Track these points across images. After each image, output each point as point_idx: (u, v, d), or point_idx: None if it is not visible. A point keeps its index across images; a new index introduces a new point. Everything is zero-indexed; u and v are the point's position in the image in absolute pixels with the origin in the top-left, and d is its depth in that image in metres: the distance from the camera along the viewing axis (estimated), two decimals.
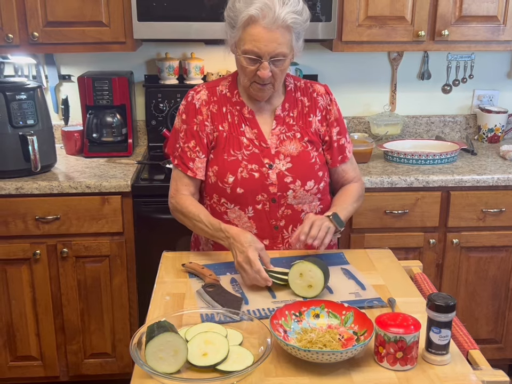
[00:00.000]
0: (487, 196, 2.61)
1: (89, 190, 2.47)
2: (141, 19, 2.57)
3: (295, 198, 1.86)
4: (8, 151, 2.49)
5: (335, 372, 1.27)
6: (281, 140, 1.86)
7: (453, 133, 3.25)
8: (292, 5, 1.69)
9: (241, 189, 1.83)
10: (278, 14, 1.66)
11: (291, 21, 1.69)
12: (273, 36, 1.68)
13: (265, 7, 1.66)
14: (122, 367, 2.72)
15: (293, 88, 1.92)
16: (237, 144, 1.85)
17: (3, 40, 2.59)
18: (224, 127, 1.86)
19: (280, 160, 1.85)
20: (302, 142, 1.87)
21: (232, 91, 1.89)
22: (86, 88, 2.78)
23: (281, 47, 1.70)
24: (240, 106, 1.87)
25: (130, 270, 2.61)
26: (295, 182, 1.84)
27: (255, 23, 1.68)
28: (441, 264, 2.69)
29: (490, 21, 2.73)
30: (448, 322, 1.29)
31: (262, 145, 1.85)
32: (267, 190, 1.84)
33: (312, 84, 1.95)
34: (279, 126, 1.87)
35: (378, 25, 2.70)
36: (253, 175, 1.83)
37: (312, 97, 1.91)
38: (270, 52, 1.70)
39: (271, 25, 1.67)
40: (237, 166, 1.84)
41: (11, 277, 2.56)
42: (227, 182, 1.84)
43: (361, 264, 1.78)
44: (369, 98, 3.18)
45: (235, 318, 1.41)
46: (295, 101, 1.90)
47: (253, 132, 1.86)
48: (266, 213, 1.86)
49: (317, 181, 1.88)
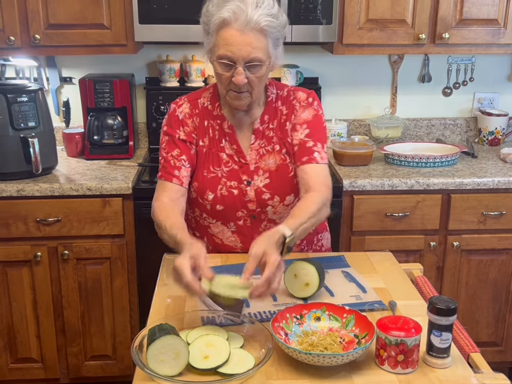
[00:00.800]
0: (487, 198, 2.61)
1: (90, 192, 2.48)
2: (142, 22, 2.57)
3: (275, 213, 1.83)
4: (9, 153, 2.50)
5: (336, 375, 1.27)
6: (261, 154, 1.81)
7: (454, 136, 3.25)
8: (266, 7, 1.62)
9: (220, 206, 1.80)
10: (251, 16, 1.59)
11: (265, 24, 1.61)
12: (246, 39, 1.61)
13: (238, 9, 1.60)
14: (123, 369, 2.72)
15: (274, 98, 1.83)
16: (217, 161, 1.81)
17: (5, 43, 2.59)
18: (204, 142, 1.81)
19: (259, 176, 1.80)
20: (281, 155, 1.81)
21: (213, 103, 1.83)
22: (87, 90, 2.78)
23: (255, 51, 1.62)
24: (220, 120, 1.81)
25: (131, 272, 2.61)
26: (273, 198, 1.80)
27: (228, 26, 1.61)
28: (442, 267, 2.69)
29: (490, 24, 2.74)
30: (449, 325, 1.29)
31: (241, 161, 1.80)
32: (246, 206, 1.81)
33: (295, 91, 1.85)
34: (258, 140, 1.81)
35: (379, 28, 2.70)
36: (232, 192, 1.80)
37: (291, 104, 1.83)
38: (244, 56, 1.62)
39: (243, 27, 1.60)
40: (216, 183, 1.80)
41: (12, 279, 2.56)
42: (207, 199, 1.81)
43: (362, 267, 1.78)
44: (369, 101, 3.18)
45: (236, 320, 1.41)
46: (275, 112, 1.82)
47: (232, 147, 1.80)
48: (249, 228, 1.84)
49: (296, 194, 1.82)
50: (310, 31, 2.63)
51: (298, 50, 3.04)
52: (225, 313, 1.45)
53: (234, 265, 1.77)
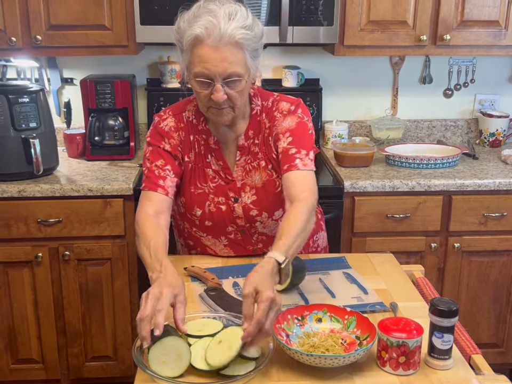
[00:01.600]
0: (488, 200, 2.61)
1: (91, 193, 2.48)
2: (143, 23, 2.57)
3: (264, 227, 1.80)
4: (10, 154, 2.50)
5: (338, 376, 1.27)
6: (247, 170, 1.76)
7: (455, 137, 3.25)
8: (239, 19, 1.55)
9: (209, 221, 1.78)
10: (224, 31, 1.52)
11: (240, 37, 1.54)
12: (221, 55, 1.54)
13: (210, 25, 1.52)
14: (124, 370, 2.72)
15: (258, 110, 1.75)
16: (203, 176, 1.77)
17: (6, 44, 2.59)
18: (190, 157, 1.76)
19: (246, 193, 1.76)
20: (267, 170, 1.76)
21: (198, 118, 1.76)
22: (89, 91, 2.78)
23: (232, 66, 1.55)
24: (206, 135, 1.76)
25: (132, 273, 2.61)
26: (261, 214, 1.77)
27: (201, 43, 1.54)
28: (443, 268, 2.69)
29: (492, 25, 2.74)
30: (450, 327, 1.29)
31: (227, 178, 1.76)
32: (235, 222, 1.78)
33: (280, 101, 1.76)
34: (243, 156, 1.76)
35: (380, 30, 2.70)
36: (220, 208, 1.76)
37: (273, 116, 1.74)
38: (221, 72, 1.55)
39: (217, 43, 1.53)
40: (204, 199, 1.76)
41: (13, 280, 2.56)
42: (195, 215, 1.78)
43: (363, 269, 1.78)
44: (370, 102, 3.18)
45: (237, 321, 1.41)
46: (259, 126, 1.75)
47: (218, 163, 1.76)
48: (240, 241, 1.82)
49: (284, 209, 1.67)
50: (311, 32, 2.63)
51: (299, 51, 3.04)
52: (226, 314, 1.45)
53: (235, 267, 1.77)
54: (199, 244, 1.86)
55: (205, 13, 1.55)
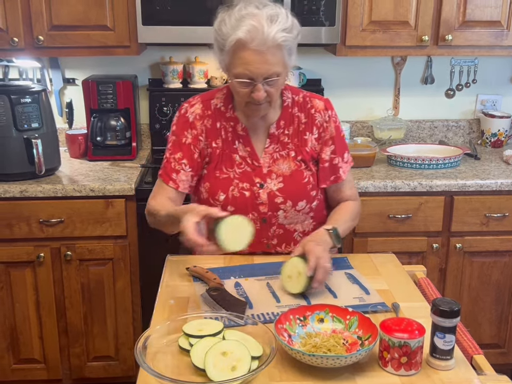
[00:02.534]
0: (490, 200, 2.61)
1: (93, 193, 2.48)
2: (145, 23, 2.58)
3: (286, 218, 1.83)
4: (12, 154, 2.50)
5: (340, 376, 1.27)
6: (275, 158, 1.83)
7: (456, 138, 3.25)
8: (280, 22, 1.62)
9: (232, 207, 1.80)
10: (267, 35, 1.59)
11: (281, 40, 1.62)
12: (264, 58, 1.61)
13: (253, 29, 1.59)
14: (126, 370, 2.72)
15: (290, 103, 1.85)
16: (229, 162, 1.82)
17: (8, 44, 2.60)
18: (217, 143, 1.82)
19: (272, 180, 1.81)
20: (296, 161, 1.83)
21: (226, 105, 1.83)
22: (91, 91, 2.79)
23: (273, 67, 1.64)
24: (234, 122, 1.82)
25: (133, 273, 2.61)
26: (286, 202, 1.81)
27: (244, 46, 1.61)
28: (445, 268, 2.69)
29: (493, 26, 2.74)
30: (452, 327, 1.29)
31: (254, 164, 1.82)
32: (257, 209, 1.82)
33: (311, 98, 1.88)
34: (272, 144, 1.83)
35: (382, 30, 2.70)
36: (243, 193, 1.81)
37: (310, 113, 1.85)
38: (262, 73, 1.64)
39: (261, 46, 1.60)
40: (228, 184, 1.81)
41: (15, 280, 2.56)
42: (218, 200, 1.81)
43: (365, 269, 1.78)
44: (372, 103, 3.18)
45: (239, 322, 1.41)
46: (291, 118, 1.84)
47: (246, 149, 1.82)
48: (258, 232, 1.82)
49: (309, 201, 1.84)
50: (313, 32, 2.63)
51: (301, 51, 2.95)
52: (228, 314, 1.45)
53: (237, 267, 1.77)
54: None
55: (247, 17, 1.62)
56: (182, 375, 1.25)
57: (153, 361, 1.29)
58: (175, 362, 1.31)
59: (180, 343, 1.35)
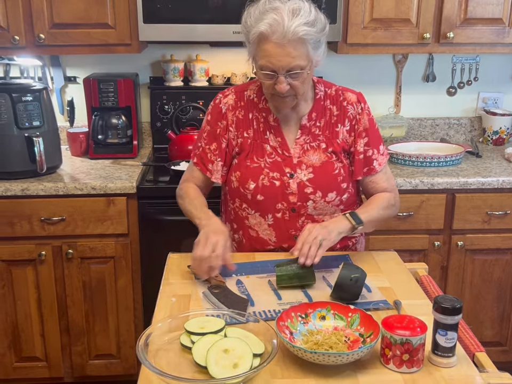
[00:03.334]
0: (492, 198, 2.60)
1: (95, 191, 2.48)
2: (146, 21, 2.58)
3: (315, 208, 1.84)
4: (14, 153, 2.50)
5: (341, 373, 1.27)
6: (305, 149, 1.84)
7: (458, 135, 3.24)
8: (302, 16, 1.65)
9: (261, 196, 1.83)
10: (288, 28, 1.62)
11: (302, 33, 1.64)
12: (285, 50, 1.65)
13: (274, 23, 1.63)
14: (127, 368, 2.73)
15: (322, 96, 1.87)
16: (260, 151, 1.85)
17: (9, 42, 2.60)
18: (249, 133, 1.86)
19: (302, 170, 1.83)
20: (327, 153, 1.84)
21: (259, 96, 1.87)
22: (92, 89, 2.79)
23: (295, 60, 1.67)
24: (266, 113, 1.86)
25: (135, 271, 2.61)
26: (316, 193, 1.82)
27: (266, 39, 1.65)
28: (446, 266, 2.69)
29: (495, 23, 2.73)
30: (454, 324, 1.29)
31: (284, 154, 1.84)
32: (287, 199, 1.83)
33: (344, 91, 1.90)
34: (303, 135, 1.85)
35: (383, 28, 2.70)
36: (273, 183, 1.83)
37: (342, 106, 1.86)
38: (284, 66, 1.67)
39: (281, 39, 1.63)
40: (259, 173, 1.83)
41: (16, 278, 2.57)
42: (248, 188, 1.84)
43: (367, 266, 1.77)
44: (374, 101, 3.14)
45: (241, 319, 1.41)
46: (323, 110, 1.86)
47: (277, 140, 1.85)
48: (286, 222, 1.85)
49: (339, 193, 1.85)
50: None
51: None
52: (229, 312, 1.45)
53: (239, 265, 1.77)
54: (243, 225, 1.90)
55: (270, 10, 1.66)
56: (184, 372, 1.25)
57: (155, 358, 1.29)
58: (176, 359, 1.31)
59: (181, 340, 1.35)
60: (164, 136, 2.87)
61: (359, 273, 1.55)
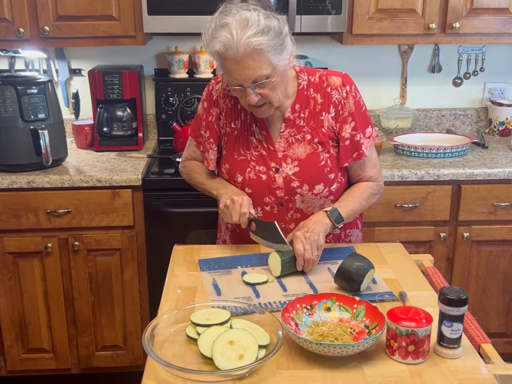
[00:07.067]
0: (498, 189, 2.59)
1: (100, 183, 2.49)
2: (151, 13, 2.57)
3: (303, 202, 1.83)
4: (19, 145, 2.51)
5: (347, 365, 1.27)
6: (290, 142, 1.81)
7: (464, 126, 3.23)
8: (251, 26, 1.59)
9: (249, 189, 1.83)
10: (239, 44, 1.58)
11: (255, 44, 1.59)
12: (243, 64, 1.62)
13: (226, 40, 1.59)
14: (134, 359, 2.74)
15: (305, 85, 1.81)
16: (246, 144, 1.84)
17: (14, 35, 2.60)
18: (236, 124, 1.85)
19: (288, 164, 1.81)
20: (312, 144, 1.80)
21: None
22: (97, 82, 2.79)
23: (257, 71, 1.63)
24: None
25: (141, 263, 2.62)
26: (302, 186, 1.81)
27: (223, 57, 1.63)
28: (452, 258, 2.69)
29: (501, 13, 2.71)
30: (460, 316, 1.29)
31: (269, 148, 1.82)
32: (274, 193, 1.82)
33: (328, 76, 1.82)
34: (288, 128, 1.81)
35: (388, 18, 2.69)
36: (260, 176, 1.82)
37: (326, 92, 1.80)
38: (247, 79, 1.64)
39: (236, 55, 1.60)
40: (245, 166, 1.83)
41: (23, 270, 2.58)
42: (236, 181, 1.84)
43: (372, 258, 1.76)
44: (379, 92, 3.17)
45: (247, 310, 1.41)
46: (306, 100, 1.81)
47: (262, 133, 1.83)
48: (275, 216, 1.84)
49: (327, 184, 1.82)
50: (319, 21, 2.62)
51: (307, 40, 3.02)
52: (234, 300, 1.45)
53: (244, 256, 1.77)
54: None
55: (220, 28, 1.62)
56: (190, 363, 1.26)
57: (160, 350, 1.30)
58: (182, 351, 1.31)
59: (187, 332, 1.35)
60: (168, 128, 2.86)
61: (364, 263, 1.55)
